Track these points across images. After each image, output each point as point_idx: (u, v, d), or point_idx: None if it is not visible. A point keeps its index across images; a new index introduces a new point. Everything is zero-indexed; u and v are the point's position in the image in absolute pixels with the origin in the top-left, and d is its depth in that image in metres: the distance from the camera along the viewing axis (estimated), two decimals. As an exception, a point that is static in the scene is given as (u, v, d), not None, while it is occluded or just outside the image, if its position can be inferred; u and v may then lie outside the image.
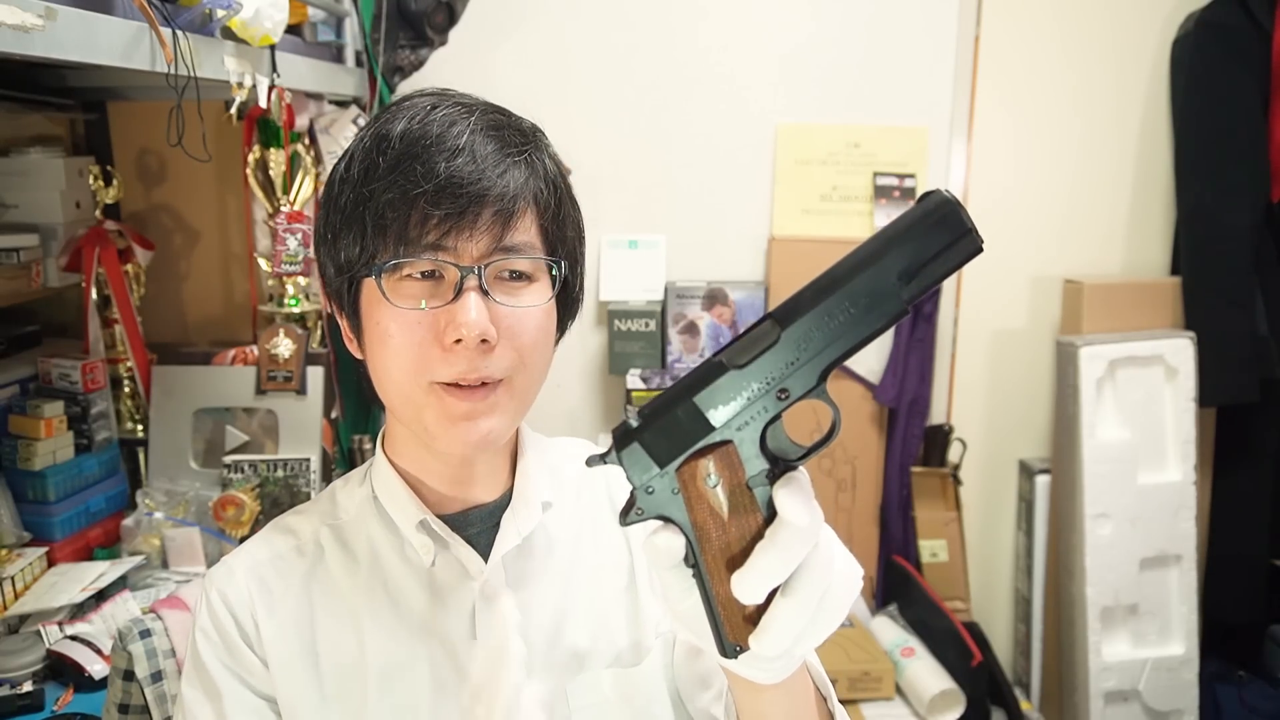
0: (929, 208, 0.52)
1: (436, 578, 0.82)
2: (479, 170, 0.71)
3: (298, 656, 0.81)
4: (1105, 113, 2.32)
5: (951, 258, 0.52)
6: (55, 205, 1.74)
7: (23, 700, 1.28)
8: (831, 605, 0.57)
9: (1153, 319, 2.29)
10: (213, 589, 0.83)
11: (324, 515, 0.87)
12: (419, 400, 0.74)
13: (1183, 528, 2.23)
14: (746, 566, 0.55)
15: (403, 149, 0.72)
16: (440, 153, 0.71)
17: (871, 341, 0.53)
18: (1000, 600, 2.52)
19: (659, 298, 2.29)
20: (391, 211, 0.72)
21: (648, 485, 0.55)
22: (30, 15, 0.87)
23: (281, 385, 1.73)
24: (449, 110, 0.74)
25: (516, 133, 0.76)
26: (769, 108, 2.27)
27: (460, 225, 0.71)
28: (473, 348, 0.71)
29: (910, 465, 2.31)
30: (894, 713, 2.00)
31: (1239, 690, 2.31)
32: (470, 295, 0.71)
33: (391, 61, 1.90)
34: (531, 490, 0.85)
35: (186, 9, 1.16)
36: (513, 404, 0.76)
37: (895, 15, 2.23)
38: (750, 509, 0.56)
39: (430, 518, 0.82)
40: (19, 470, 1.58)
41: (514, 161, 0.74)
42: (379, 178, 0.72)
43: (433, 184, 0.70)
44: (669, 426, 0.54)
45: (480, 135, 0.73)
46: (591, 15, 2.23)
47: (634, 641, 0.86)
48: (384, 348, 0.74)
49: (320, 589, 0.83)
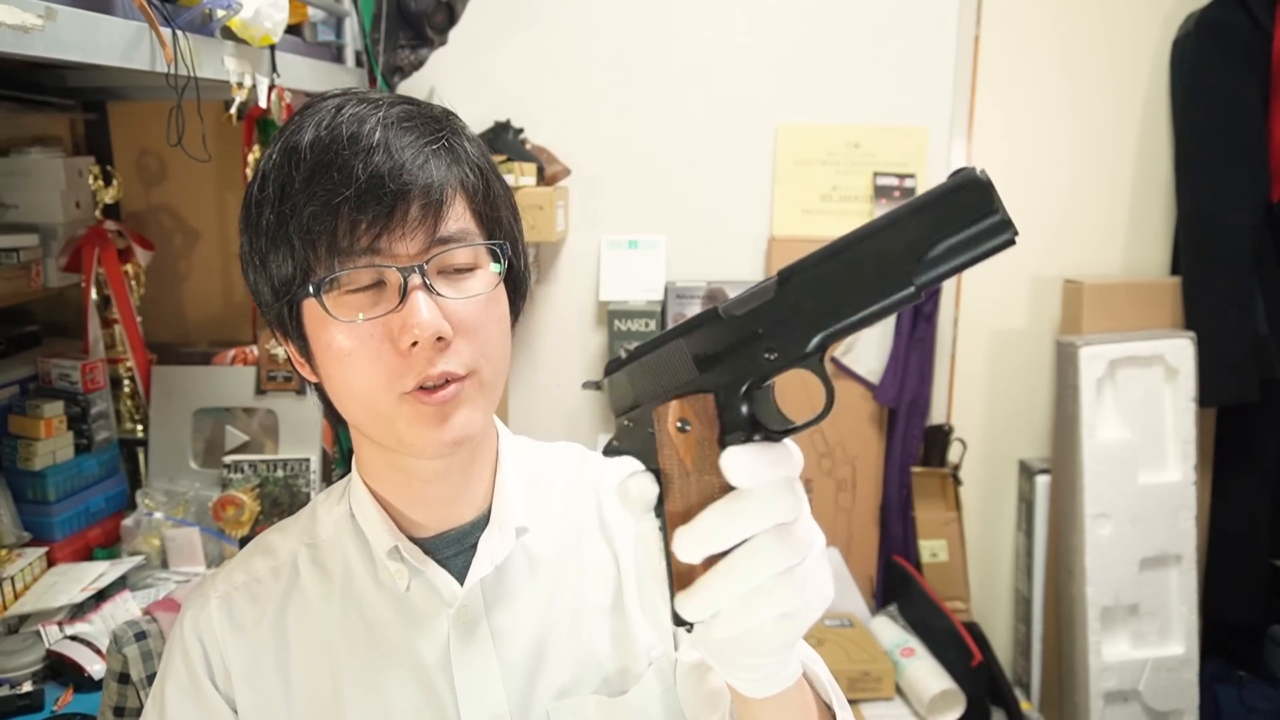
0: (956, 182, 0.45)
1: (412, 603, 0.80)
2: (398, 165, 0.68)
3: (269, 694, 0.79)
4: (1105, 112, 2.32)
5: (974, 242, 0.44)
6: (55, 205, 1.73)
7: (23, 700, 1.28)
8: (768, 598, 0.52)
9: (1153, 319, 2.29)
10: (186, 618, 0.81)
11: (303, 533, 0.85)
12: (389, 412, 0.71)
13: (1183, 528, 2.23)
14: (690, 521, 0.53)
15: (315, 158, 0.69)
16: (355, 154, 0.68)
17: (872, 323, 0.48)
18: (1000, 600, 2.52)
19: (659, 298, 2.28)
20: (317, 224, 0.68)
21: (627, 418, 0.55)
22: (30, 15, 0.87)
23: (281, 385, 1.73)
24: (355, 109, 0.71)
25: (430, 120, 0.73)
26: (769, 108, 2.27)
27: (390, 225, 0.68)
28: (429, 347, 0.69)
29: (910, 465, 2.31)
30: (894, 713, 2.00)
31: (1239, 690, 2.31)
32: (417, 295, 0.68)
33: (391, 61, 1.90)
34: (507, 513, 0.81)
35: (186, 9, 1.16)
36: (482, 396, 0.73)
37: (895, 15, 2.23)
38: (716, 468, 0.53)
39: (403, 543, 0.79)
40: (19, 470, 1.58)
41: (433, 151, 0.71)
42: (297, 191, 0.69)
43: (353, 188, 0.67)
44: (655, 363, 0.53)
45: (393, 129, 0.70)
46: (591, 15, 2.23)
47: (621, 668, 0.82)
48: (342, 367, 0.71)
49: (295, 614, 0.81)
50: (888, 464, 2.31)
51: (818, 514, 2.62)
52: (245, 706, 0.79)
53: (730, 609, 0.52)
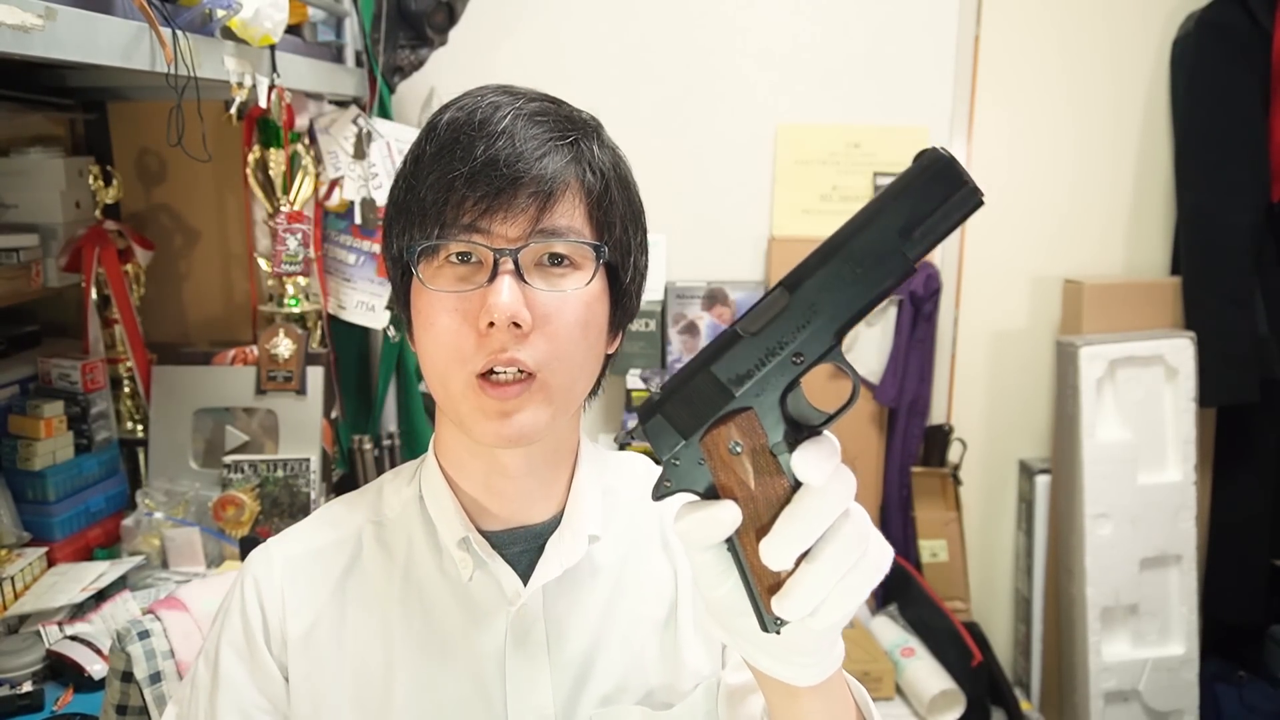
0: (924, 164, 0.51)
1: (472, 594, 0.80)
2: (517, 153, 0.71)
3: (321, 663, 0.80)
4: (1105, 112, 2.32)
5: (952, 212, 0.51)
6: (55, 205, 1.73)
7: (23, 700, 1.28)
8: (859, 576, 0.55)
9: (1153, 319, 2.29)
10: (249, 576, 0.82)
11: (370, 510, 0.85)
12: (457, 392, 0.73)
13: (1183, 528, 2.23)
14: (772, 531, 0.55)
15: (447, 137, 0.73)
16: (481, 137, 0.71)
17: (882, 301, 0.53)
18: (1000, 600, 2.52)
19: (659, 298, 2.28)
20: (431, 195, 0.72)
21: (674, 457, 0.56)
22: (30, 15, 0.87)
23: (281, 385, 1.73)
24: (497, 98, 0.74)
25: (565, 120, 0.76)
26: (769, 108, 2.27)
27: (495, 207, 0.70)
28: (505, 331, 0.69)
29: (910, 465, 2.31)
30: (894, 713, 2.00)
31: (1239, 690, 2.31)
32: (504, 278, 0.70)
33: (391, 61, 1.90)
34: (581, 519, 0.82)
35: (186, 9, 1.16)
36: (548, 400, 0.73)
37: (895, 15, 2.23)
38: (775, 474, 0.56)
39: (474, 536, 0.80)
40: (19, 470, 1.58)
41: (556, 146, 0.73)
42: (425, 166, 0.73)
43: (469, 167, 0.70)
44: (690, 396, 0.55)
45: (524, 120, 0.73)
46: (591, 15, 2.23)
47: (667, 683, 0.82)
48: (427, 335, 0.74)
49: (355, 588, 0.82)
50: (888, 464, 2.31)
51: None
52: (296, 674, 0.80)
53: (832, 597, 0.55)
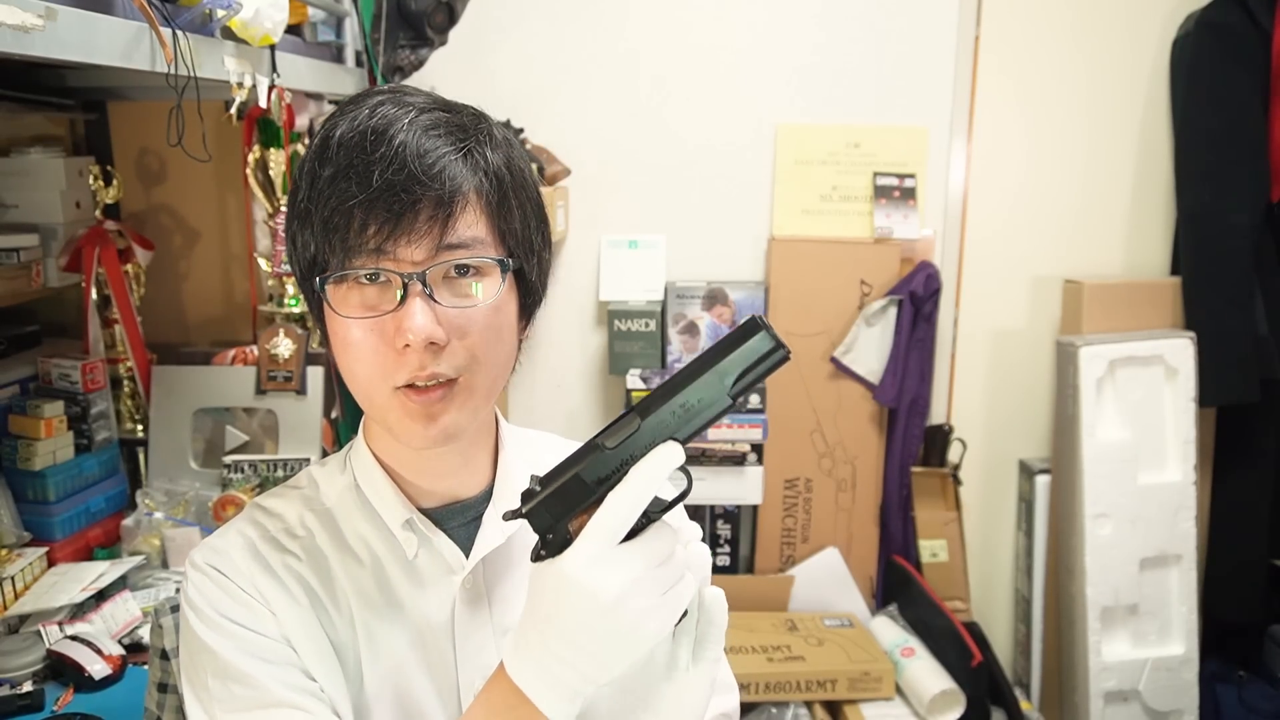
0: (747, 329, 0.68)
1: (418, 569, 0.84)
2: (413, 174, 0.72)
3: (302, 612, 0.81)
4: (1105, 113, 2.32)
5: (765, 366, 0.68)
6: (55, 205, 1.73)
7: (23, 700, 1.28)
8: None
9: (1153, 319, 2.29)
10: (200, 563, 0.82)
11: (306, 500, 0.87)
12: (382, 403, 0.77)
13: (1183, 528, 2.23)
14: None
15: (342, 160, 0.73)
16: (376, 160, 0.72)
17: (711, 426, 0.70)
18: (1000, 600, 2.52)
19: (659, 298, 2.28)
20: (334, 218, 0.73)
21: (547, 534, 0.70)
22: (30, 15, 0.87)
23: (281, 385, 1.73)
24: (387, 110, 0.75)
25: (457, 129, 0.76)
26: (769, 108, 2.27)
27: (398, 231, 0.72)
28: (421, 350, 0.73)
29: (910, 465, 2.31)
30: (894, 713, 2.00)
31: (1239, 690, 2.31)
32: (415, 301, 0.73)
33: (391, 61, 1.90)
34: (512, 490, 0.85)
35: (186, 9, 1.16)
36: (471, 400, 0.78)
37: (895, 16, 2.23)
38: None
39: (415, 516, 0.84)
40: (19, 470, 1.58)
41: (451, 159, 0.74)
42: (322, 186, 0.74)
43: (367, 193, 0.72)
44: (561, 492, 0.69)
45: (418, 134, 0.73)
46: (591, 15, 2.23)
47: None
48: (346, 354, 0.77)
49: (311, 566, 0.84)
50: (888, 464, 2.31)
51: (818, 514, 2.59)
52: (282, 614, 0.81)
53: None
